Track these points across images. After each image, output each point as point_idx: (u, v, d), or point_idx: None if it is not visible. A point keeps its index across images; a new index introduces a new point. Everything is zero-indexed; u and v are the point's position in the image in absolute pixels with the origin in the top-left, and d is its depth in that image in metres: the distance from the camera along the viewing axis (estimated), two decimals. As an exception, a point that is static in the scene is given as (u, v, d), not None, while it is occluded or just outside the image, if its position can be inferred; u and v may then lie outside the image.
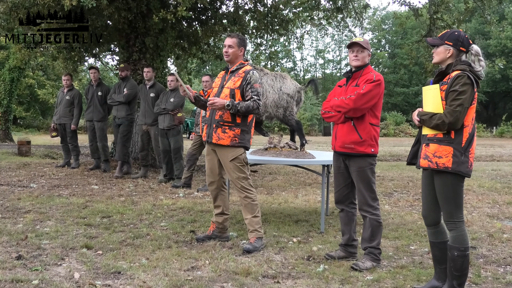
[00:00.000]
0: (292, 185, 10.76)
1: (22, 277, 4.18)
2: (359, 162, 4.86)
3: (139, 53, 12.48)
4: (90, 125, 11.49)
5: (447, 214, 3.97)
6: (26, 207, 7.27)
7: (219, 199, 5.66)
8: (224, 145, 5.36)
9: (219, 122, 5.35)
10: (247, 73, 5.37)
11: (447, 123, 3.79)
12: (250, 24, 14.81)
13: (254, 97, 5.29)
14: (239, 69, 5.45)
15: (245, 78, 5.34)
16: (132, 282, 4.20)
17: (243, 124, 5.40)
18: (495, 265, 5.04)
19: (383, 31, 65.48)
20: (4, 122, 22.62)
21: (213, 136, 5.39)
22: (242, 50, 5.49)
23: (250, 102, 5.26)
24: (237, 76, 5.40)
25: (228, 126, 5.34)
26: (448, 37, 4.03)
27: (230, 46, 5.43)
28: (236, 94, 5.33)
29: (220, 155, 5.46)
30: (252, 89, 5.32)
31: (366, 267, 4.75)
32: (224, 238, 5.68)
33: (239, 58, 5.51)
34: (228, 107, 5.18)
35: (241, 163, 5.43)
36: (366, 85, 4.74)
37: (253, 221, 5.44)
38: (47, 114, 43.83)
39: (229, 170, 5.43)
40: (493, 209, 8.22)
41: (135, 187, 9.50)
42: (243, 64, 5.50)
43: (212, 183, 5.63)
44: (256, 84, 5.36)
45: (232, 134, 5.34)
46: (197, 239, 5.65)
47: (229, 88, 5.36)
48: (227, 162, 5.41)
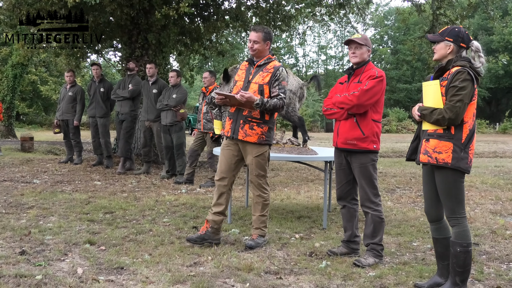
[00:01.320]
0: (294, 181, 10.76)
1: (26, 272, 4.20)
2: (361, 158, 4.86)
3: (142, 50, 12.48)
4: (92, 121, 11.51)
5: (449, 210, 3.97)
6: (29, 203, 7.29)
7: (224, 198, 5.41)
8: (251, 142, 5.23)
9: (247, 118, 5.20)
10: (277, 69, 5.21)
11: (447, 118, 3.80)
12: (252, 20, 14.78)
13: (282, 94, 5.16)
14: (267, 64, 5.28)
15: (275, 74, 5.18)
16: (135, 278, 4.21)
17: (270, 121, 5.29)
18: (498, 262, 5.04)
19: (385, 27, 65.33)
20: (7, 118, 22.66)
21: (239, 132, 5.22)
22: (268, 44, 5.29)
23: (277, 101, 5.11)
24: (265, 71, 5.23)
25: (257, 123, 5.20)
26: (449, 33, 4.03)
27: (255, 41, 5.23)
28: (265, 90, 5.16)
29: (244, 150, 5.31)
30: (280, 86, 5.18)
31: (368, 263, 4.76)
32: (216, 240, 5.36)
33: (266, 52, 5.31)
34: (258, 106, 5.04)
35: (265, 160, 5.32)
36: (369, 81, 4.74)
37: (260, 219, 5.42)
38: (50, 110, 43.85)
39: (251, 166, 5.30)
40: (496, 206, 8.21)
41: (137, 183, 9.51)
42: (271, 58, 5.32)
43: (224, 179, 5.38)
44: (284, 81, 5.21)
45: (260, 131, 5.20)
46: (189, 239, 5.30)
47: (257, 84, 5.19)
48: (250, 157, 5.27)
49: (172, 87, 9.99)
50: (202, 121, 9.43)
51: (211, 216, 5.36)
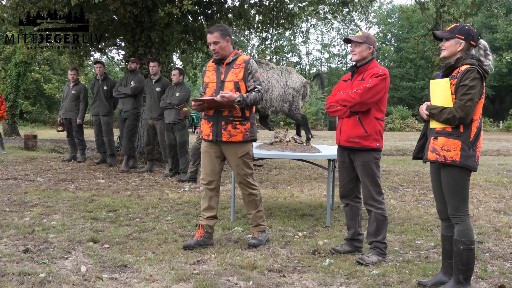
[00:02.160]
0: (297, 179, 10.76)
1: (30, 270, 4.21)
2: (364, 156, 4.85)
3: (145, 48, 12.49)
4: (96, 120, 11.51)
5: (452, 207, 3.96)
6: (33, 201, 7.30)
7: (214, 201, 5.29)
8: (236, 141, 5.14)
9: (229, 118, 5.08)
10: (247, 62, 5.11)
11: (457, 117, 3.79)
12: (255, 18, 14.78)
13: (258, 86, 5.09)
14: (236, 60, 5.16)
15: (247, 68, 5.08)
16: (138, 276, 4.22)
17: (251, 116, 5.21)
18: (502, 260, 5.03)
19: (389, 25, 65.26)
20: (11, 117, 22.70)
21: (223, 134, 5.10)
22: (229, 40, 5.13)
23: (255, 94, 5.04)
24: (236, 67, 5.11)
25: (239, 121, 5.10)
26: (459, 30, 4.00)
27: (215, 42, 5.08)
28: (241, 86, 5.06)
29: (228, 152, 5.19)
30: (254, 79, 5.10)
31: (371, 261, 4.76)
32: (210, 244, 5.24)
33: (229, 48, 5.17)
34: (239, 102, 4.93)
35: (250, 158, 5.24)
36: (372, 79, 4.74)
37: (256, 215, 5.40)
38: (53, 109, 43.96)
39: (237, 166, 5.20)
40: (499, 204, 8.20)
41: (141, 181, 9.52)
42: (238, 53, 5.21)
43: (211, 182, 5.24)
44: (257, 73, 5.14)
45: (243, 129, 5.11)
46: (187, 246, 5.11)
47: (232, 82, 5.06)
48: (235, 158, 5.16)
49: (175, 85, 9.99)
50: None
51: (205, 221, 5.25)
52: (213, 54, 5.21)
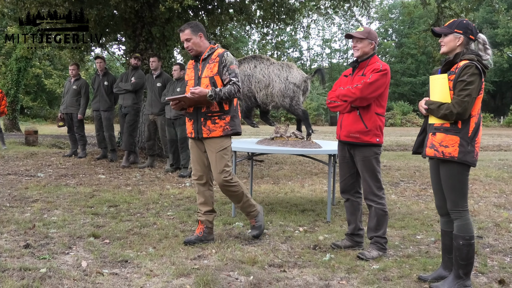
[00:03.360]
0: (298, 174, 10.76)
1: (30, 265, 4.22)
2: (364, 151, 4.85)
3: (146, 43, 12.48)
4: (96, 115, 11.51)
5: (451, 203, 3.96)
6: (33, 196, 7.31)
7: (208, 195, 5.26)
8: (217, 136, 5.06)
9: (207, 114, 5.03)
10: (221, 56, 5.02)
11: (455, 113, 3.78)
12: (256, 13, 14.76)
13: (233, 79, 4.96)
14: (211, 55, 5.08)
15: (221, 62, 4.99)
16: (139, 271, 4.23)
17: (231, 110, 5.10)
18: (502, 255, 5.03)
19: (390, 20, 65.20)
20: (12, 112, 22.72)
21: (203, 131, 5.06)
22: (201, 35, 5.06)
23: (230, 87, 4.93)
24: (211, 62, 5.04)
25: (218, 116, 5.03)
26: (457, 25, 3.99)
27: (187, 39, 5.03)
28: (217, 80, 4.98)
29: (208, 147, 5.12)
30: (230, 71, 4.98)
31: (372, 256, 4.76)
32: (211, 240, 5.23)
33: (204, 44, 5.10)
34: (211, 97, 4.85)
35: (227, 154, 5.12)
36: (372, 74, 4.73)
37: (243, 207, 5.34)
38: (54, 104, 43.98)
39: (214, 162, 5.08)
40: (500, 199, 8.20)
41: (141, 177, 9.53)
42: (214, 48, 5.13)
43: (202, 177, 5.22)
44: (232, 65, 5.02)
45: (223, 123, 5.04)
46: (188, 242, 5.11)
47: (207, 77, 5.00)
48: (213, 154, 5.07)
49: (176, 80, 9.98)
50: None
51: (203, 216, 5.23)
52: (188, 52, 5.16)
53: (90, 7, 11.92)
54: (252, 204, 5.39)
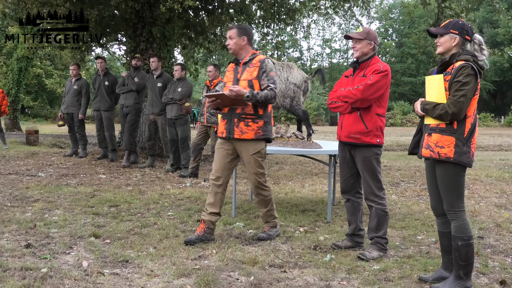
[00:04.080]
0: (298, 175, 10.76)
1: (31, 265, 4.22)
2: (365, 152, 4.86)
3: (146, 43, 12.48)
4: (97, 115, 11.52)
5: (448, 203, 3.96)
6: (34, 196, 7.32)
7: (219, 198, 5.29)
8: (248, 139, 5.18)
9: (241, 115, 5.15)
10: (262, 61, 5.19)
11: (450, 113, 3.79)
12: (257, 13, 14.77)
13: (271, 85, 5.11)
14: (252, 59, 5.24)
15: (261, 67, 5.16)
16: (139, 271, 4.23)
17: (265, 115, 5.23)
18: (503, 255, 5.03)
19: (390, 20, 65.19)
20: (12, 112, 22.71)
21: (235, 132, 5.17)
22: (245, 39, 5.24)
23: (267, 91, 5.07)
24: (252, 66, 5.20)
25: (251, 118, 5.15)
26: (453, 26, 4.00)
27: (230, 37, 5.24)
28: (255, 84, 5.13)
29: (241, 149, 5.24)
30: (268, 77, 5.14)
31: (372, 256, 4.76)
32: (211, 240, 5.23)
33: (245, 48, 5.27)
34: (248, 98, 4.97)
35: (262, 157, 5.25)
36: (373, 75, 4.73)
37: (266, 214, 5.48)
38: (55, 104, 43.95)
39: (249, 164, 5.24)
40: (501, 199, 8.20)
41: (142, 177, 9.53)
42: (255, 54, 5.30)
43: (219, 178, 5.26)
44: (271, 72, 5.18)
45: (256, 127, 5.15)
46: (189, 241, 5.11)
47: (246, 80, 5.16)
48: (247, 156, 5.20)
49: (177, 80, 9.99)
50: (205, 115, 9.43)
51: (207, 216, 5.24)
52: (229, 49, 5.36)
53: (91, 7, 11.92)
54: (274, 215, 5.52)
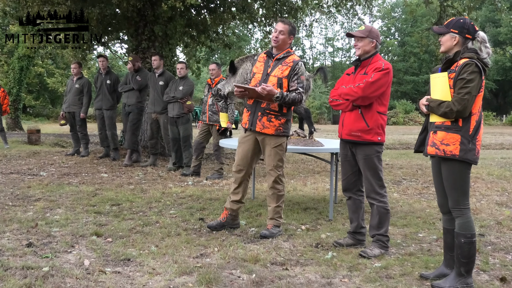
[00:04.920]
0: (301, 173, 10.76)
1: (33, 264, 4.22)
2: (366, 150, 4.86)
3: (148, 41, 12.47)
4: (99, 114, 11.53)
5: (453, 201, 3.97)
6: (36, 195, 7.32)
7: (242, 187, 5.57)
8: (269, 134, 5.33)
9: (266, 110, 5.30)
10: (296, 63, 5.27)
11: (455, 111, 3.79)
12: (259, 12, 14.75)
13: (300, 89, 5.23)
14: (286, 57, 5.34)
15: (294, 68, 5.25)
16: (141, 269, 4.23)
17: (288, 113, 5.39)
18: (503, 252, 5.04)
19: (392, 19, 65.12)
20: (14, 111, 22.74)
21: (257, 124, 5.33)
22: (292, 38, 5.38)
23: (296, 95, 5.20)
24: (284, 64, 5.29)
25: (275, 115, 5.30)
26: (454, 25, 4.01)
27: (281, 32, 5.29)
28: (284, 83, 5.23)
29: (262, 142, 5.42)
30: (299, 81, 5.25)
31: (374, 254, 4.77)
32: (235, 225, 5.67)
33: (287, 45, 5.38)
34: (278, 98, 5.11)
35: (283, 151, 5.43)
36: (374, 73, 4.74)
37: (275, 210, 5.51)
38: (57, 103, 43.99)
39: (269, 157, 5.40)
40: (502, 197, 8.20)
41: (144, 175, 9.54)
42: (290, 52, 5.39)
43: (241, 171, 5.52)
44: (302, 76, 5.30)
45: (277, 124, 5.31)
46: (210, 226, 5.59)
47: (276, 77, 5.25)
48: (269, 149, 5.38)
49: (179, 79, 9.98)
50: (207, 113, 9.44)
51: (229, 204, 5.58)
52: (272, 41, 5.37)
53: (92, 5, 11.93)
54: (281, 214, 5.59)
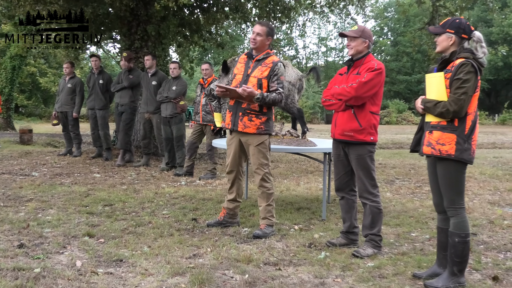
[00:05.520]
0: (294, 173, 10.77)
1: (24, 265, 4.20)
2: (358, 150, 4.87)
3: (141, 41, 12.43)
4: (91, 113, 11.49)
5: (448, 200, 3.98)
6: (28, 196, 7.29)
7: (235, 186, 5.74)
8: (250, 133, 5.41)
9: (246, 110, 5.40)
10: (275, 64, 5.37)
11: (451, 111, 3.80)
12: (252, 11, 14.73)
13: (280, 89, 5.33)
14: (266, 58, 5.43)
15: (273, 69, 5.34)
16: (134, 270, 4.22)
17: (268, 112, 5.49)
18: (496, 251, 5.06)
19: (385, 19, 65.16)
20: (6, 111, 22.64)
21: (239, 124, 5.43)
22: (270, 40, 5.47)
23: (276, 95, 5.30)
24: (264, 65, 5.39)
25: (255, 114, 5.39)
26: (450, 25, 4.02)
27: (258, 34, 5.38)
28: (264, 83, 5.33)
29: (245, 142, 5.51)
30: (278, 81, 5.35)
31: (367, 254, 4.77)
32: (235, 223, 5.81)
33: (266, 47, 5.47)
34: (258, 99, 5.21)
35: (266, 148, 5.50)
36: (367, 73, 4.74)
37: (266, 209, 5.53)
38: (49, 103, 43.76)
39: (254, 156, 5.49)
40: (494, 196, 8.23)
41: (137, 175, 9.51)
42: (269, 53, 5.49)
43: (232, 172, 5.69)
44: (282, 76, 5.40)
45: (258, 122, 5.40)
46: (208, 224, 5.77)
47: (256, 78, 5.35)
48: (252, 147, 5.46)
49: (172, 79, 9.97)
50: (201, 113, 9.42)
51: (226, 203, 5.78)
52: (251, 43, 5.49)
53: (85, 5, 11.88)
54: (273, 213, 5.63)
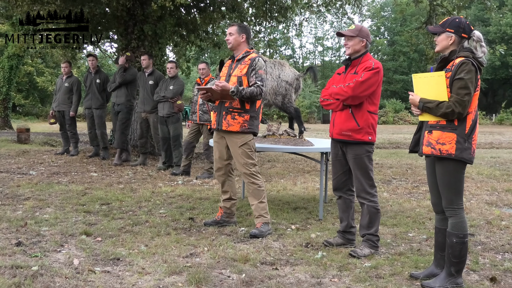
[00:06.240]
0: (290, 172, 10.77)
1: (22, 263, 4.20)
2: (356, 149, 4.87)
3: (138, 41, 12.42)
4: (88, 113, 11.47)
5: (447, 200, 3.98)
6: (25, 194, 7.28)
7: (227, 185, 5.79)
8: (234, 131, 5.46)
9: (229, 109, 5.47)
10: (253, 60, 5.47)
11: (456, 112, 3.78)
12: (249, 11, 14.74)
13: (258, 82, 5.38)
14: (245, 57, 5.55)
15: (251, 65, 5.45)
16: (131, 269, 4.22)
17: (252, 110, 5.51)
18: (493, 252, 5.06)
19: (382, 18, 65.19)
20: (3, 110, 22.61)
21: (223, 123, 5.50)
22: (244, 37, 5.57)
23: (253, 88, 5.35)
24: (243, 63, 5.51)
25: (238, 112, 5.46)
26: (449, 24, 4.01)
27: (230, 33, 5.56)
28: (244, 81, 5.43)
29: (229, 141, 5.57)
30: (256, 75, 5.41)
31: (364, 254, 4.77)
32: (232, 223, 5.82)
33: (242, 45, 5.59)
34: (233, 93, 5.27)
35: (250, 149, 5.53)
36: (364, 72, 4.74)
37: (259, 206, 5.53)
38: (46, 102, 43.73)
39: (238, 156, 5.53)
40: (491, 196, 8.23)
41: (134, 175, 9.51)
42: (249, 52, 5.59)
43: (220, 169, 5.76)
44: (260, 70, 5.45)
45: (241, 120, 5.46)
46: (205, 223, 5.81)
47: (236, 76, 5.47)
48: (236, 148, 5.51)
49: (169, 78, 9.97)
50: (198, 113, 9.41)
51: (222, 203, 5.84)
52: (227, 45, 5.67)
53: (82, 4, 11.86)
54: (267, 211, 5.62)
